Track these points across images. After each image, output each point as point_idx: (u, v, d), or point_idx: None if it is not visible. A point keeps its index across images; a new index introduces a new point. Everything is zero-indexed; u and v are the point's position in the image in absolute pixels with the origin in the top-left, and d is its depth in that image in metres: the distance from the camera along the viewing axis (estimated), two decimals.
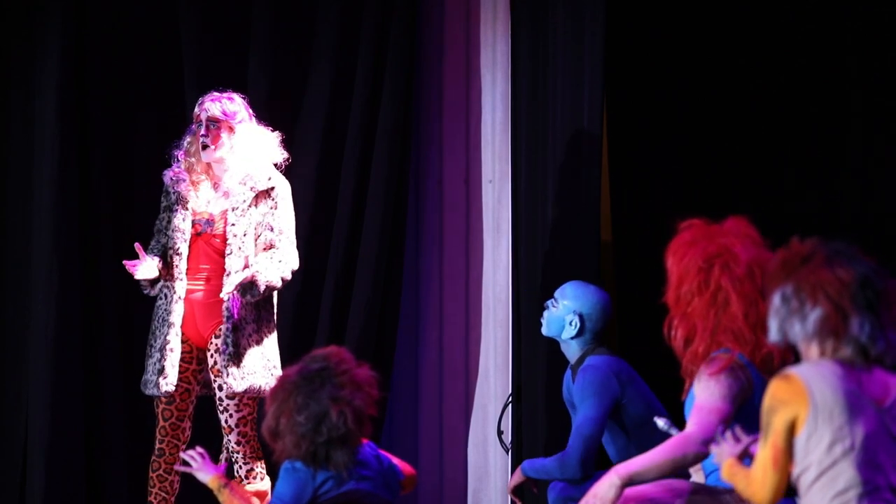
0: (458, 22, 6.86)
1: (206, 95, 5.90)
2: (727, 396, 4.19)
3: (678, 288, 4.29)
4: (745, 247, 4.27)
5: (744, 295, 4.22)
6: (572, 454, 5.31)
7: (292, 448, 4.32)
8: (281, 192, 5.88)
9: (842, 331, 3.43)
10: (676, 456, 4.19)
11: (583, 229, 6.30)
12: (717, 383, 4.19)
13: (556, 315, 5.55)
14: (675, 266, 4.32)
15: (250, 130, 5.89)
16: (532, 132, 6.46)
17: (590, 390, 5.35)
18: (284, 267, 5.84)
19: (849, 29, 6.19)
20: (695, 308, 4.27)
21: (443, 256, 6.87)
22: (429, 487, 6.85)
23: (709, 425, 4.15)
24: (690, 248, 4.29)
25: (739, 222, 4.34)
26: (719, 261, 4.26)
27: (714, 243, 4.28)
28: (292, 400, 4.30)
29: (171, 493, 5.85)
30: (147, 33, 6.73)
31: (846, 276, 3.43)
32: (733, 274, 4.24)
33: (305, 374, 4.33)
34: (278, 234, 5.85)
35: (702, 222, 4.34)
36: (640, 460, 4.23)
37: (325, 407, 4.29)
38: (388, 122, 6.61)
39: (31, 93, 6.64)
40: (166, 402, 5.82)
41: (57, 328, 6.49)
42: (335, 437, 4.30)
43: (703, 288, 4.26)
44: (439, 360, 6.87)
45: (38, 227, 6.56)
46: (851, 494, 3.37)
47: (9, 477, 6.61)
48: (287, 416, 4.30)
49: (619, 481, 4.20)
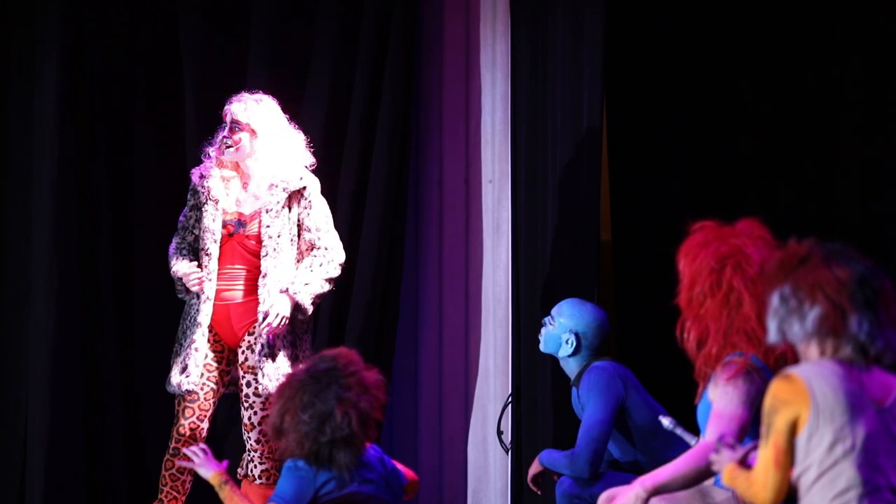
0: (458, 22, 6.86)
1: (236, 95, 5.90)
2: (745, 402, 4.19)
3: (690, 289, 4.29)
4: (757, 248, 4.26)
5: (756, 296, 4.21)
6: (580, 454, 5.36)
7: (295, 446, 4.32)
8: (313, 191, 5.88)
9: (841, 329, 3.43)
10: (700, 465, 4.21)
11: (583, 229, 6.30)
12: (734, 388, 4.19)
13: (552, 333, 5.61)
14: (687, 267, 4.31)
15: (275, 133, 5.86)
16: (532, 132, 6.46)
17: (595, 391, 5.40)
18: (328, 266, 5.86)
19: (848, 28, 6.20)
20: (707, 309, 4.26)
21: (443, 256, 6.87)
22: (429, 487, 6.85)
23: (729, 433, 4.16)
24: (703, 250, 4.29)
25: (752, 224, 4.33)
26: (731, 261, 4.25)
27: (726, 244, 4.27)
28: (298, 398, 4.30)
29: (182, 492, 5.84)
30: (147, 33, 6.72)
31: (844, 274, 3.44)
32: (746, 275, 4.23)
33: (313, 373, 4.34)
34: (316, 232, 5.87)
35: (714, 224, 4.33)
36: (665, 472, 4.25)
37: (330, 407, 4.29)
38: (388, 123, 6.61)
39: (31, 93, 6.63)
40: (189, 400, 5.80)
41: (57, 328, 6.48)
42: (339, 438, 4.30)
43: (716, 289, 4.25)
44: (439, 361, 6.87)
45: (38, 227, 6.56)
46: (852, 495, 3.37)
47: (9, 477, 6.61)
48: (292, 414, 4.30)
49: (644, 494, 4.25)
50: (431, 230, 6.88)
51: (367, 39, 6.63)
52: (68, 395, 6.50)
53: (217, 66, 6.63)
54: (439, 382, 6.87)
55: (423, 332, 6.89)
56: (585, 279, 6.26)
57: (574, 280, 6.28)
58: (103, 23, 6.68)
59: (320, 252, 5.87)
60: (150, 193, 6.63)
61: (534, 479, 5.70)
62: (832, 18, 6.20)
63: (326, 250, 5.87)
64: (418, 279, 6.89)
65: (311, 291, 5.79)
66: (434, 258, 6.88)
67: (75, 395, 6.52)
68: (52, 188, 6.51)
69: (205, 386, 5.79)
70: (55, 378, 6.46)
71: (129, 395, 6.59)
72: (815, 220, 6.14)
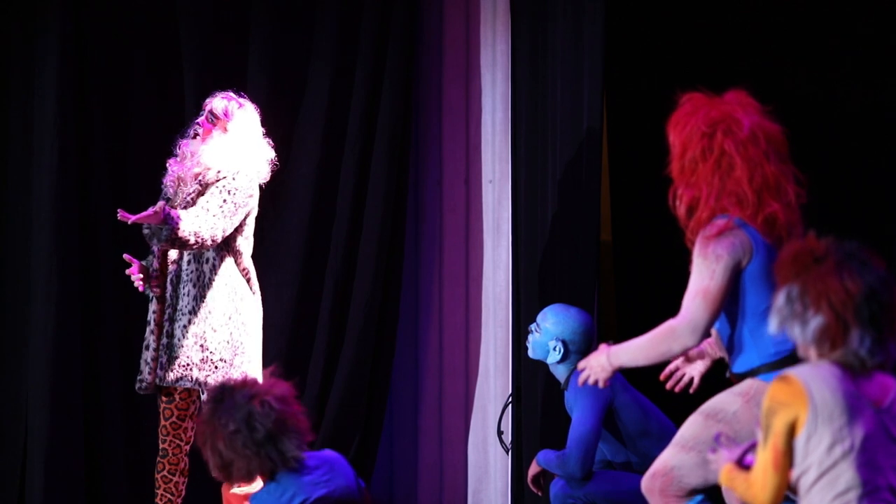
0: (458, 22, 6.86)
1: (223, 93, 5.87)
2: (715, 271, 4.16)
3: (682, 157, 4.28)
4: (746, 113, 4.26)
5: (748, 159, 4.21)
6: (570, 455, 5.40)
7: (246, 465, 4.27)
8: (225, 179, 5.70)
9: (840, 342, 3.42)
10: (662, 347, 4.23)
11: (583, 229, 6.30)
12: (704, 259, 4.18)
13: (539, 341, 5.64)
14: (677, 136, 4.30)
15: (242, 139, 5.78)
16: (532, 132, 6.46)
17: (583, 393, 5.43)
18: (198, 222, 5.58)
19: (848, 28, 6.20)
20: (699, 174, 4.25)
21: (443, 256, 6.87)
22: (429, 487, 6.85)
23: (695, 311, 4.16)
24: (692, 117, 4.28)
25: (739, 93, 4.32)
26: (722, 126, 4.24)
27: (716, 109, 4.27)
28: (216, 425, 4.27)
29: (176, 494, 5.83)
30: (147, 33, 6.73)
31: (853, 286, 3.40)
32: (737, 138, 4.23)
33: (211, 403, 4.32)
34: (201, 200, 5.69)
35: (701, 93, 4.32)
36: (630, 349, 4.29)
37: (245, 408, 4.26)
38: (388, 123, 6.62)
39: (31, 93, 6.63)
40: (166, 400, 5.81)
41: (57, 328, 6.48)
42: (272, 428, 4.26)
43: (707, 154, 4.24)
44: (439, 361, 6.87)
45: (38, 227, 6.56)
46: (852, 496, 3.37)
47: (8, 477, 6.61)
48: (221, 439, 4.26)
49: (609, 368, 4.32)
50: (431, 230, 6.88)
51: (367, 40, 6.64)
52: (68, 395, 6.50)
53: (217, 66, 6.63)
54: (439, 382, 6.87)
55: (423, 332, 6.89)
56: (585, 279, 6.26)
57: (574, 280, 6.28)
58: (103, 23, 6.68)
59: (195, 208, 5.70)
60: (150, 193, 6.63)
61: (534, 479, 5.71)
62: (832, 18, 6.21)
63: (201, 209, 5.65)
64: (418, 279, 6.89)
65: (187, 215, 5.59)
66: (434, 258, 6.88)
67: (75, 395, 6.53)
68: (52, 188, 6.51)
69: (177, 386, 5.80)
70: (55, 378, 6.47)
71: (129, 395, 6.59)
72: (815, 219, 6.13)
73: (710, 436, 4.15)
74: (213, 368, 5.68)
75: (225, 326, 5.71)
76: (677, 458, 4.28)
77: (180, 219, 5.53)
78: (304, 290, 6.66)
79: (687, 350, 4.27)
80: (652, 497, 4.31)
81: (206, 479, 5.96)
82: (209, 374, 5.66)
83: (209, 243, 5.62)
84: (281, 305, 6.60)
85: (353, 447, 6.55)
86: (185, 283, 5.73)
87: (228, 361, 5.70)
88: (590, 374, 4.37)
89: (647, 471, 4.36)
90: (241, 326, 5.74)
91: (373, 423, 6.67)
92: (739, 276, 4.19)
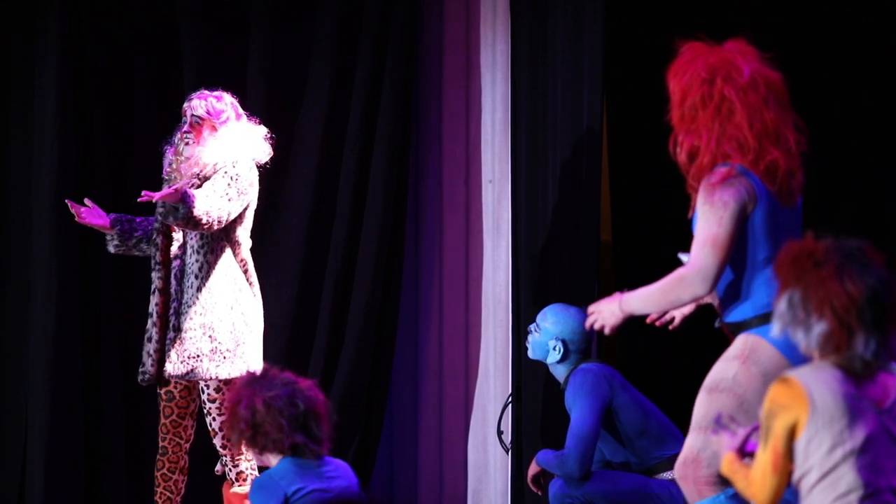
0: (458, 22, 6.85)
1: (196, 93, 5.88)
2: (723, 218, 4.16)
3: (682, 104, 4.27)
4: (746, 59, 4.25)
5: (748, 105, 4.21)
6: (569, 455, 5.40)
7: (274, 436, 4.32)
8: (226, 166, 5.72)
9: (844, 347, 3.41)
10: (671, 296, 4.25)
11: (583, 229, 6.30)
12: (711, 206, 4.17)
13: (538, 341, 5.65)
14: (677, 84, 4.30)
15: (233, 130, 5.80)
16: (532, 132, 6.46)
17: (581, 392, 5.44)
18: (209, 202, 5.60)
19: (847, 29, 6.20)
20: (700, 121, 4.24)
21: (443, 256, 6.87)
22: (429, 487, 6.85)
23: (704, 259, 4.16)
24: (691, 65, 4.27)
25: (739, 41, 4.32)
26: (722, 72, 4.23)
27: (715, 56, 4.26)
28: (258, 388, 4.33)
29: (175, 492, 5.84)
30: (147, 33, 6.72)
31: (855, 290, 3.38)
32: (736, 84, 4.22)
33: (252, 375, 4.41)
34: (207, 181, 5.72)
35: (700, 42, 4.31)
36: (641, 297, 4.30)
37: (290, 385, 4.34)
38: (388, 122, 6.61)
39: (31, 93, 6.63)
40: (166, 398, 5.81)
41: (56, 328, 6.48)
42: (309, 411, 4.32)
43: (708, 100, 4.23)
44: (439, 360, 6.87)
45: (38, 227, 6.56)
46: (853, 497, 3.36)
47: (8, 477, 6.61)
48: (262, 400, 4.30)
49: (620, 314, 4.33)
50: (431, 230, 6.88)
51: (368, 39, 6.63)
52: (68, 395, 6.50)
53: (217, 66, 6.63)
54: (439, 382, 6.87)
55: (423, 331, 6.89)
56: (585, 279, 6.27)
57: (574, 280, 6.28)
58: (103, 23, 6.68)
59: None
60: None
61: (534, 479, 5.71)
62: (831, 18, 6.21)
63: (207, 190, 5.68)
64: (418, 279, 6.89)
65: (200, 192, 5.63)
66: (434, 258, 6.88)
67: (75, 395, 6.53)
68: (52, 188, 6.51)
69: (178, 384, 5.79)
70: (55, 378, 6.46)
71: (129, 395, 6.59)
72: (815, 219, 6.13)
73: (719, 409, 4.16)
74: (222, 359, 5.70)
75: (228, 316, 5.73)
76: (699, 441, 4.26)
77: (195, 197, 5.55)
78: (304, 290, 6.65)
79: (697, 298, 4.28)
80: (686, 484, 4.30)
81: (205, 477, 6.01)
82: (218, 365, 5.68)
83: (216, 225, 5.65)
84: (281, 305, 6.59)
85: (353, 447, 6.54)
86: (189, 276, 5.75)
87: (233, 352, 5.72)
88: (597, 318, 4.38)
89: (678, 459, 4.34)
90: (241, 317, 5.76)
91: (373, 423, 6.67)
92: (744, 224, 4.20)
